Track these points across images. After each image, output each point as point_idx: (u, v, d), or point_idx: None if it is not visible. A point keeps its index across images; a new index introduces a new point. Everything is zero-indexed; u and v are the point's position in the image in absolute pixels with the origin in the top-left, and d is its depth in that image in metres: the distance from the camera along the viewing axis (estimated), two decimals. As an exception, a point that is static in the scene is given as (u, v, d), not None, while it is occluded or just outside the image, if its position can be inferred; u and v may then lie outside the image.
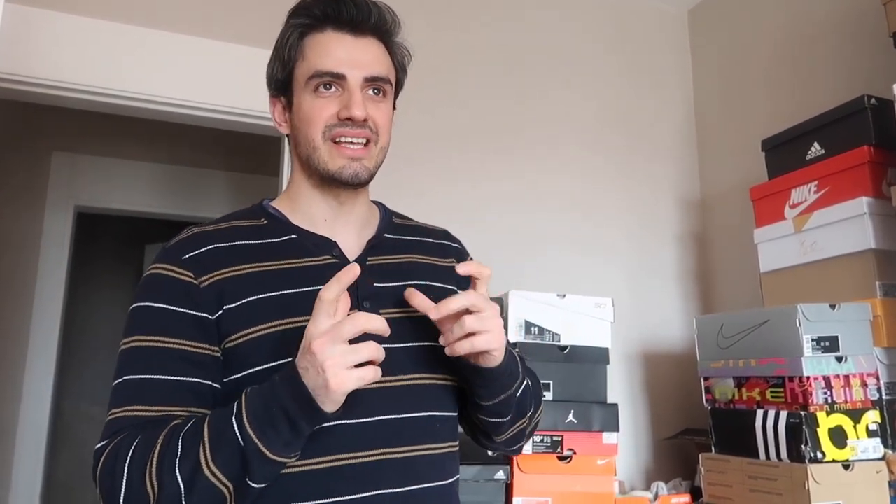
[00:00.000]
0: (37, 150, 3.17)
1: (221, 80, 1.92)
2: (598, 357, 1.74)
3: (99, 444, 0.80)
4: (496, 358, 0.85)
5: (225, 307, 0.84)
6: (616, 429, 1.69)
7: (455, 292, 0.96)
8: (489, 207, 2.17)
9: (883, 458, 1.46)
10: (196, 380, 0.83)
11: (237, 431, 0.74)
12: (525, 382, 0.95)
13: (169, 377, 0.82)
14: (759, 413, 1.53)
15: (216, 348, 0.84)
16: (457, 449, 0.95)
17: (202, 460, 0.74)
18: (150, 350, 0.83)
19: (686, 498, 1.78)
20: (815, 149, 1.78)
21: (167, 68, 1.87)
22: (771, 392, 1.52)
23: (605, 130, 2.41)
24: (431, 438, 0.88)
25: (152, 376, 0.82)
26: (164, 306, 0.85)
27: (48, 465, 3.12)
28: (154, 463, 0.75)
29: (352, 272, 0.76)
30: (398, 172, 2.06)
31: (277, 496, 0.80)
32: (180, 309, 0.84)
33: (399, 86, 1.00)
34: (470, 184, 2.17)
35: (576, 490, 1.63)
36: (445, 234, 1.09)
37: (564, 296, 1.75)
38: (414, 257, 0.99)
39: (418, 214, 1.14)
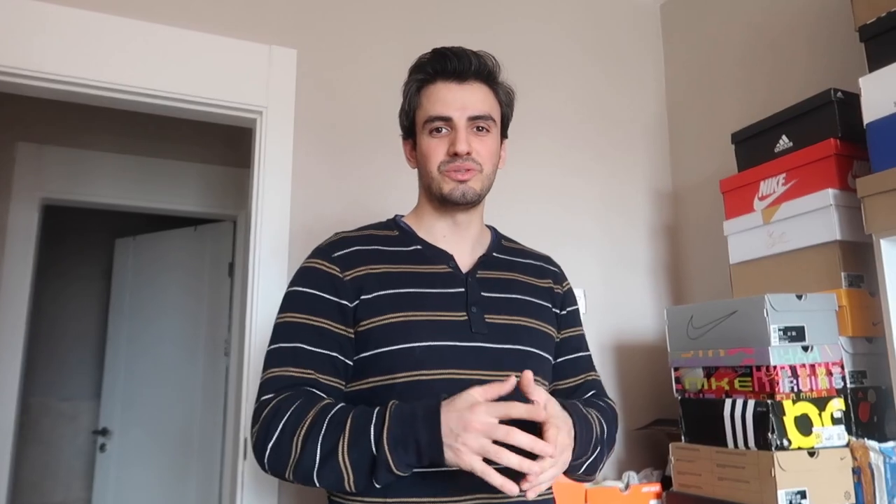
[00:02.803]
0: (0, 141, 3.10)
1: (194, 69, 1.89)
2: (570, 348, 1.74)
3: (265, 397, 1.00)
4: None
5: (362, 297, 1.06)
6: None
7: (548, 309, 1.20)
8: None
9: (847, 446, 1.49)
10: (335, 355, 1.04)
11: (373, 441, 0.90)
12: (596, 452, 1.06)
13: (314, 348, 1.03)
14: (728, 402, 1.55)
15: (351, 330, 1.06)
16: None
17: (339, 447, 0.92)
18: (301, 325, 1.05)
19: (656, 487, 1.80)
20: (784, 142, 1.81)
21: (138, 57, 1.84)
22: (739, 381, 1.55)
23: (578, 123, 2.41)
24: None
25: (302, 345, 1.03)
26: (315, 292, 1.07)
27: (15, 462, 3.06)
28: (303, 431, 0.94)
29: (509, 384, 0.91)
30: (386, 169, 2.06)
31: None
32: (327, 295, 1.06)
33: (505, 119, 1.21)
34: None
35: (548, 480, 1.64)
36: (546, 259, 1.29)
37: (537, 287, 1.75)
38: (516, 275, 1.18)
39: (402, 208, 1.29)
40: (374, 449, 0.90)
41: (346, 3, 2.14)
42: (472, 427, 0.86)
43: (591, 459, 1.06)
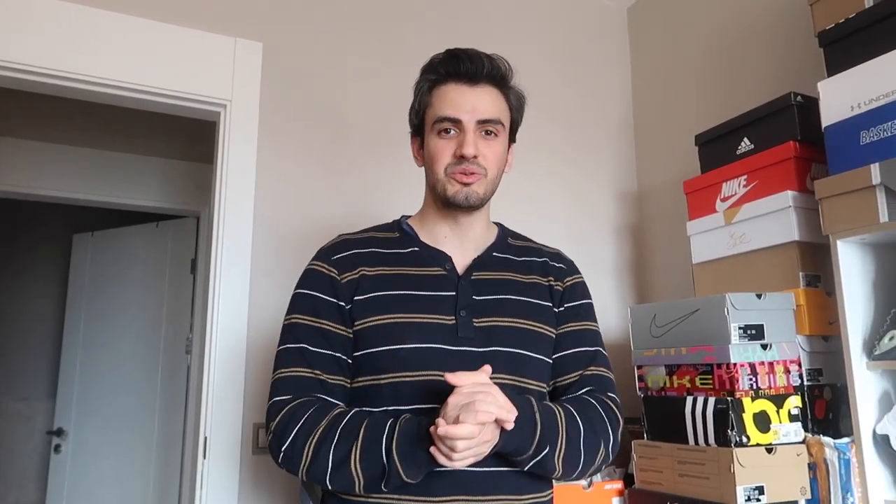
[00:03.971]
0: (-47, 132, 2.99)
1: (156, 61, 1.85)
2: (535, 346, 1.75)
3: (280, 398, 1.06)
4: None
5: (355, 299, 1.10)
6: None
7: (547, 308, 1.19)
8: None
9: (803, 442, 1.51)
10: (339, 354, 1.09)
11: (384, 452, 0.97)
12: (544, 452, 1.03)
13: (319, 349, 1.09)
14: (689, 400, 1.57)
15: (349, 330, 1.10)
16: None
17: (352, 455, 0.98)
18: (305, 326, 1.11)
19: (619, 484, 1.82)
20: (745, 144, 1.84)
21: (98, 47, 1.79)
22: (700, 379, 1.57)
23: (545, 124, 2.43)
24: None
25: (307, 346, 1.09)
26: (318, 294, 1.12)
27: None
28: (316, 437, 1.00)
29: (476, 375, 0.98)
30: (353, 164, 2.04)
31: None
32: (327, 297, 1.11)
33: (515, 124, 1.21)
34: (413, 178, 2.15)
35: (512, 478, 1.64)
36: (553, 255, 1.29)
37: (502, 285, 1.75)
38: (513, 275, 1.19)
39: (371, 209, 1.34)
40: (384, 460, 0.96)
41: (314, 1, 2.11)
42: (462, 446, 0.92)
43: (538, 459, 1.03)
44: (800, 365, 1.59)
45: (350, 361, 1.10)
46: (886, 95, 1.44)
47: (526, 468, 1.05)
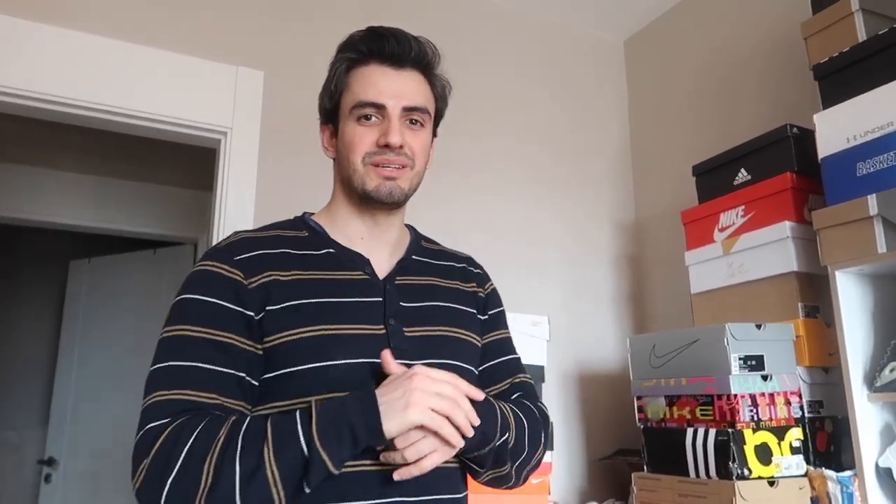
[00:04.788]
0: (-48, 157, 3.00)
1: (158, 88, 1.86)
2: (533, 375, 1.72)
3: (154, 423, 0.83)
4: None
5: (267, 308, 0.91)
6: (550, 447, 1.68)
7: (473, 315, 1.09)
8: (433, 230, 2.14)
9: (805, 475, 1.50)
10: (242, 375, 0.89)
11: (303, 440, 0.80)
12: (504, 438, 0.95)
13: (220, 368, 0.87)
14: (690, 431, 1.55)
15: (259, 347, 0.91)
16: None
17: (265, 460, 0.79)
18: (200, 340, 0.88)
19: (619, 517, 1.79)
20: (742, 175, 1.85)
21: (102, 75, 1.80)
22: (700, 410, 1.55)
23: (543, 156, 2.44)
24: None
25: (204, 365, 0.87)
26: (216, 301, 0.90)
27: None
28: (216, 452, 0.79)
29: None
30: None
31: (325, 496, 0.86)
32: (230, 305, 0.90)
33: (439, 115, 1.10)
34: (413, 209, 2.14)
35: (510, 510, 1.61)
36: (469, 260, 1.18)
37: (501, 314, 1.74)
38: (437, 280, 1.08)
39: None
40: (305, 449, 0.79)
41: (314, 26, 2.14)
42: (421, 380, 0.83)
43: (498, 445, 0.94)
44: (800, 396, 1.57)
45: (255, 385, 0.91)
46: (882, 128, 1.46)
47: (486, 467, 0.96)
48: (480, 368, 1.09)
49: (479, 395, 0.89)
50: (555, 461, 1.77)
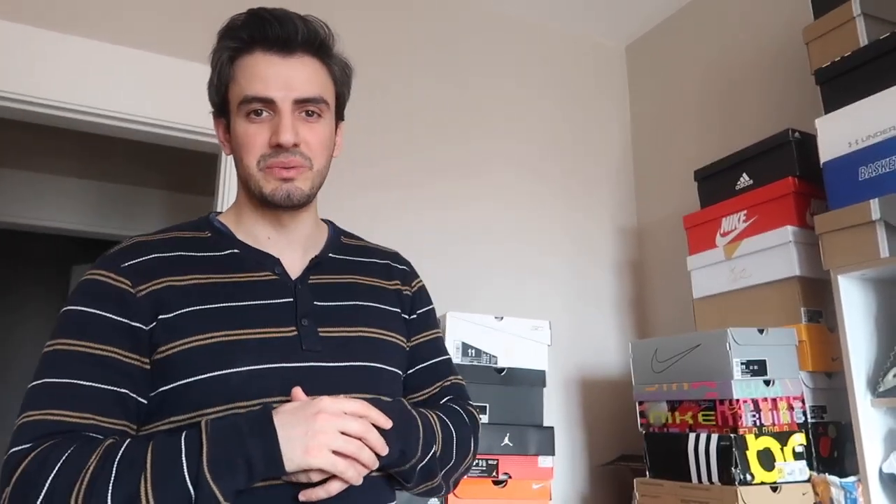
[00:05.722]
0: (-46, 162, 3.01)
1: (157, 92, 1.87)
2: (534, 380, 1.73)
3: (18, 448, 0.75)
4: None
5: (160, 317, 0.83)
6: (552, 452, 1.68)
7: (396, 314, 1.01)
8: (435, 234, 2.18)
9: (808, 481, 1.49)
10: (125, 391, 0.80)
11: (186, 473, 0.72)
12: (430, 454, 0.91)
13: (97, 384, 0.79)
14: (692, 436, 1.55)
15: (146, 360, 0.82)
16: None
17: (141, 492, 0.71)
18: (78, 354, 0.80)
19: (621, 523, 1.78)
20: (744, 179, 1.85)
21: (101, 79, 1.81)
22: (703, 415, 1.54)
23: (545, 161, 2.44)
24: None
25: (79, 381, 0.78)
26: (99, 312, 0.82)
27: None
28: (85, 482, 0.71)
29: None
30: (354, 200, 2.05)
31: None
32: (114, 317, 0.82)
33: (342, 100, 0.98)
34: (420, 214, 2.19)
35: (511, 516, 1.61)
36: (393, 256, 1.09)
37: (502, 318, 1.74)
38: (357, 278, 0.99)
39: (372, 239, 1.12)
40: (189, 484, 0.71)
41: (316, 33, 2.14)
42: (325, 420, 0.76)
43: (425, 461, 0.90)
44: (803, 402, 1.57)
45: (142, 402, 0.82)
46: (884, 132, 1.46)
47: (412, 482, 0.92)
48: (409, 372, 1.03)
49: (387, 424, 0.82)
50: (556, 467, 1.76)
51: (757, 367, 1.52)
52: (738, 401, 1.47)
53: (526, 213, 2.35)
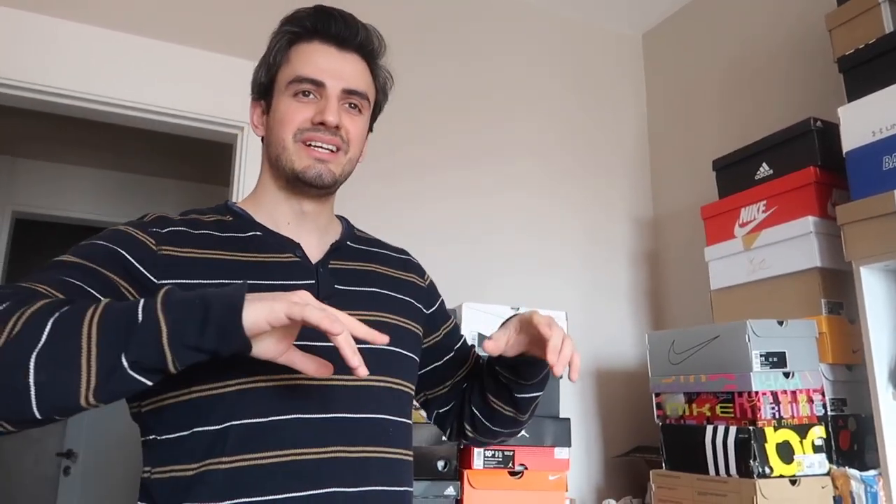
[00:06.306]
0: (-26, 153, 3.04)
1: (175, 83, 1.87)
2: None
3: None
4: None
5: (179, 282, 0.80)
6: (568, 444, 1.67)
7: (411, 304, 1.03)
8: (451, 225, 2.18)
9: (828, 474, 1.47)
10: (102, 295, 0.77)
11: (140, 308, 0.66)
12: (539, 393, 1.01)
13: (86, 286, 0.75)
14: (709, 428, 1.53)
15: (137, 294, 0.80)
16: (410, 458, 0.94)
17: (86, 319, 0.65)
18: (84, 268, 0.77)
19: (636, 515, 1.78)
20: (764, 169, 1.82)
21: (119, 69, 1.81)
22: (721, 407, 1.53)
23: (560, 151, 2.43)
24: (385, 442, 0.88)
25: (73, 281, 0.75)
26: (117, 249, 0.81)
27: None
28: (35, 308, 0.65)
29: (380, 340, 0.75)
30: (369, 192, 2.05)
31: (229, 490, 0.77)
32: (130, 257, 0.81)
33: (378, 108, 1.04)
34: (434, 204, 2.18)
35: (527, 507, 1.60)
36: (404, 252, 1.12)
37: (518, 308, 1.73)
38: (374, 266, 1.01)
39: (387, 229, 1.15)
40: (139, 315, 0.65)
41: (331, 23, 2.13)
42: (301, 296, 0.70)
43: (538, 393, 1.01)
44: (823, 394, 1.55)
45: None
46: (909, 120, 1.43)
47: (530, 392, 0.99)
48: (448, 357, 1.08)
49: (384, 339, 0.76)
50: (572, 458, 1.76)
51: (776, 360, 1.50)
52: (756, 393, 1.46)
53: (541, 203, 2.34)
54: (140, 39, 1.85)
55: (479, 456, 1.60)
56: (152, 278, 0.81)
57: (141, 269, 0.81)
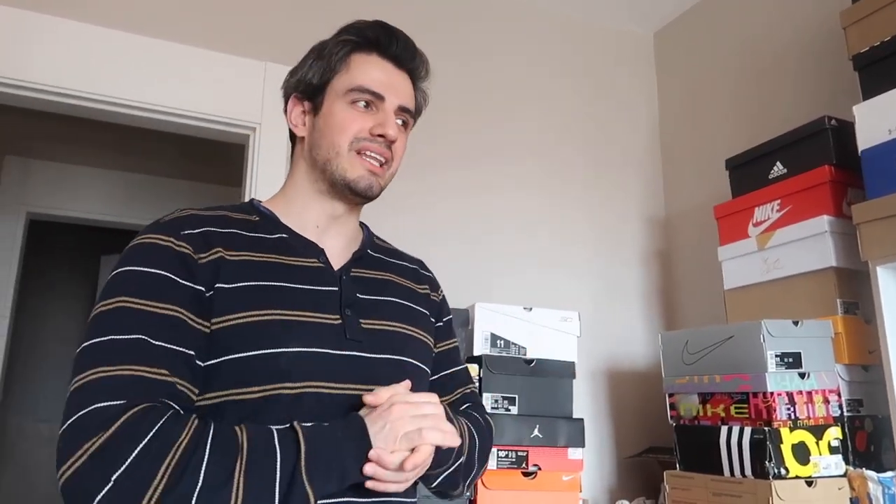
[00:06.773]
0: (-13, 154, 3.06)
1: (187, 84, 1.88)
2: (564, 371, 1.72)
3: (106, 403, 0.71)
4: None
5: (217, 286, 0.84)
6: (582, 444, 1.67)
7: (426, 316, 1.05)
8: (462, 225, 2.18)
9: (844, 475, 1.46)
10: (192, 353, 0.79)
11: (279, 467, 0.74)
12: (457, 462, 0.94)
13: (167, 344, 0.77)
14: (724, 429, 1.53)
15: (208, 325, 0.82)
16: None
17: (236, 470, 0.72)
18: (142, 312, 0.78)
19: (650, 516, 1.77)
20: (778, 168, 1.81)
21: (131, 71, 1.82)
22: (735, 408, 1.52)
23: (572, 150, 2.42)
24: None
25: (147, 338, 0.76)
26: (161, 272, 0.81)
27: (-11, 484, 2.97)
28: (179, 453, 0.70)
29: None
30: (383, 194, 2.05)
31: None
32: (178, 279, 0.82)
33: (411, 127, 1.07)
34: (445, 203, 2.18)
35: (540, 507, 1.60)
36: (420, 263, 1.14)
37: (531, 309, 1.73)
38: (393, 277, 1.04)
39: (398, 231, 1.19)
40: (280, 476, 0.73)
41: (340, 21, 2.13)
42: (397, 415, 0.81)
43: (450, 470, 0.94)
44: (839, 395, 1.54)
45: (202, 366, 0.81)
46: (926, 119, 1.41)
47: (434, 483, 0.95)
48: (433, 378, 1.06)
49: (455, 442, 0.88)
50: (585, 459, 1.75)
51: (792, 360, 1.49)
52: (772, 394, 1.45)
53: (552, 202, 2.33)
54: (151, 40, 1.86)
55: (492, 456, 1.60)
56: (203, 290, 0.83)
57: (191, 285, 0.83)
